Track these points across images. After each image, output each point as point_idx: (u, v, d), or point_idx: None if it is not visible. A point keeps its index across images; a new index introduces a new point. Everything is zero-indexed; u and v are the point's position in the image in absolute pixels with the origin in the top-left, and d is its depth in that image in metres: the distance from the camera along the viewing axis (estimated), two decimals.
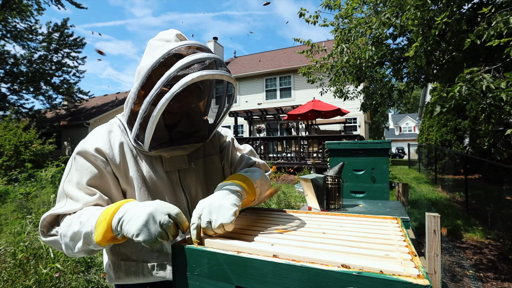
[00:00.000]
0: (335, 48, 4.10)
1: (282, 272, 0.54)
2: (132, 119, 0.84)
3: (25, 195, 5.80)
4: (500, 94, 2.31)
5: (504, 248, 4.08)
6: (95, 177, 0.82)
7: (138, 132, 0.81)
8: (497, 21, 2.37)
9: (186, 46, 0.78)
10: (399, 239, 0.68)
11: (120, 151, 0.87)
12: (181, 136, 0.92)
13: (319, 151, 10.59)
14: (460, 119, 10.34)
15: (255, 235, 0.74)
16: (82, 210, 0.77)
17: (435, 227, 1.92)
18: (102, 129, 0.90)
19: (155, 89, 0.73)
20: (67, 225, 0.76)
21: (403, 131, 45.01)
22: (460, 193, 7.16)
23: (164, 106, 0.72)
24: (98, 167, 0.83)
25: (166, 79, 0.72)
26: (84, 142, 0.86)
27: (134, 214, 0.67)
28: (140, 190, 0.87)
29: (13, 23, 16.66)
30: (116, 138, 0.89)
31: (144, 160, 0.90)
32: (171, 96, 0.71)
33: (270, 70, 16.45)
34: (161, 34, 0.87)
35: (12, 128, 11.79)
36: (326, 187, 1.63)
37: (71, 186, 0.81)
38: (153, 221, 0.65)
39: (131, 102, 0.81)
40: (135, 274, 0.91)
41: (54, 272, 2.63)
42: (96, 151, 0.84)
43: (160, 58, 0.75)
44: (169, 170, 0.92)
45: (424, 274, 0.47)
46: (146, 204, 0.69)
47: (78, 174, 0.82)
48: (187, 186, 0.96)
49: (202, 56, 0.76)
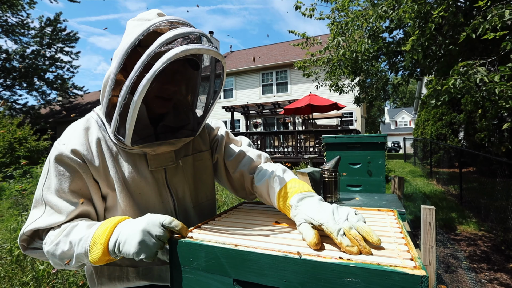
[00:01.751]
0: (331, 42, 4.09)
1: (279, 265, 0.54)
2: (111, 111, 0.73)
3: (21, 192, 5.76)
4: (493, 87, 2.32)
5: (497, 239, 4.15)
6: (75, 182, 0.76)
7: (118, 125, 0.72)
8: (493, 14, 2.37)
9: (168, 21, 0.70)
10: (395, 231, 0.68)
11: (98, 151, 0.78)
12: (168, 130, 0.84)
13: (316, 145, 10.62)
14: (455, 113, 10.42)
15: (251, 229, 0.74)
16: (69, 227, 0.72)
17: (430, 219, 1.94)
18: (78, 127, 0.81)
19: (135, 70, 0.65)
20: (54, 243, 0.71)
21: (399, 125, 45.28)
22: (454, 186, 7.25)
23: (146, 88, 0.63)
24: (77, 170, 0.76)
25: (147, 57, 0.64)
26: (59, 143, 0.78)
27: (128, 234, 0.64)
28: (121, 194, 0.79)
29: (4, 17, 16.36)
30: (93, 135, 0.80)
31: (125, 159, 0.81)
32: (153, 75, 0.63)
33: (267, 64, 16.38)
34: (141, 14, 0.78)
35: (6, 125, 11.64)
36: (323, 180, 1.63)
37: (50, 194, 0.74)
38: (149, 236, 0.63)
39: (109, 91, 0.70)
40: (119, 279, 0.85)
41: (51, 268, 2.62)
42: (73, 153, 0.76)
43: (139, 35, 0.66)
44: (154, 169, 0.83)
45: (421, 265, 0.48)
46: (138, 221, 0.66)
47: (57, 180, 0.75)
48: (173, 186, 0.88)
49: (186, 30, 0.68)
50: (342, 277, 0.49)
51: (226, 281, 0.61)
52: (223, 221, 0.82)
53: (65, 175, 0.75)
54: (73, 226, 0.72)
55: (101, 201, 0.81)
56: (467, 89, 2.49)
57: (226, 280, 0.60)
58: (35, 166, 8.53)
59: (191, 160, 0.93)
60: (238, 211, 0.96)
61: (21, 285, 2.53)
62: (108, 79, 0.71)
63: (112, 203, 0.81)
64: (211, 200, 1.02)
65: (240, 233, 0.70)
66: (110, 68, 0.71)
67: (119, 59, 0.68)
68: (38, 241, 0.77)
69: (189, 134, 0.86)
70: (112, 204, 0.82)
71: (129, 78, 0.66)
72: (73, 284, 2.51)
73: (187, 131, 0.87)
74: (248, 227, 0.75)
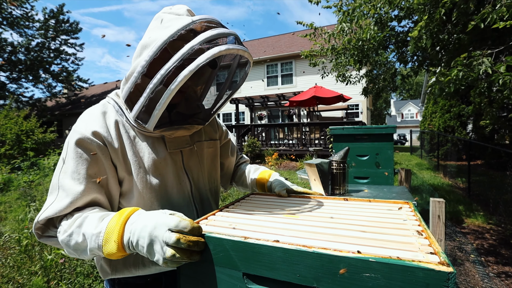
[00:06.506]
0: (336, 29, 3.99)
1: (292, 259, 0.51)
2: (133, 96, 0.76)
3: (28, 183, 5.83)
4: (497, 78, 2.24)
5: (506, 233, 4.09)
6: (92, 166, 0.76)
7: (143, 110, 0.74)
8: (501, 4, 2.28)
9: (206, 21, 0.73)
10: (413, 224, 0.65)
11: (116, 133, 0.80)
12: (181, 117, 0.89)
13: (321, 137, 10.54)
14: (463, 105, 10.22)
15: (260, 220, 0.71)
16: (81, 218, 0.71)
17: (440, 212, 1.90)
18: (95, 111, 0.82)
19: (173, 61, 0.67)
20: (67, 233, 0.71)
21: (405, 118, 44.70)
22: (462, 179, 7.16)
23: (186, 79, 0.66)
24: (95, 153, 0.77)
25: (188, 51, 0.66)
26: (78, 125, 0.78)
27: (140, 234, 0.62)
28: (138, 176, 0.81)
29: (8, 9, 16.33)
30: (111, 119, 0.82)
31: (144, 141, 0.84)
32: (196, 67, 0.65)
33: (272, 56, 16.18)
34: (171, 8, 0.81)
35: (13, 117, 11.74)
36: (331, 172, 1.59)
37: (66, 178, 0.75)
38: (157, 242, 0.59)
39: (136, 76, 0.72)
40: (134, 265, 0.84)
41: (59, 258, 2.65)
42: (94, 134, 0.76)
43: (180, 29, 0.69)
44: (172, 151, 0.88)
45: (446, 260, 0.44)
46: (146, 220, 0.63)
47: (74, 162, 0.75)
48: (189, 169, 0.93)
49: (224, 31, 0.71)
50: (361, 273, 0.45)
51: (235, 275, 0.58)
52: (231, 213, 0.80)
53: (83, 157, 0.75)
54: (85, 217, 0.71)
55: (117, 186, 0.82)
56: (472, 80, 2.41)
57: (235, 274, 0.58)
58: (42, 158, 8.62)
59: (204, 146, 1.00)
60: (246, 202, 0.93)
61: (30, 274, 2.56)
62: (138, 65, 0.72)
63: (128, 188, 0.82)
64: (219, 185, 1.11)
65: (250, 225, 0.68)
66: (143, 55, 0.72)
67: (155, 48, 0.69)
68: (52, 229, 0.76)
69: (201, 122, 0.91)
70: (128, 189, 0.82)
71: (165, 67, 0.67)
72: (81, 274, 2.54)
73: (198, 119, 0.92)
74: (257, 219, 0.72)
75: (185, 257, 0.57)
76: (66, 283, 2.45)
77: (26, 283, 2.45)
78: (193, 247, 0.58)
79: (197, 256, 0.60)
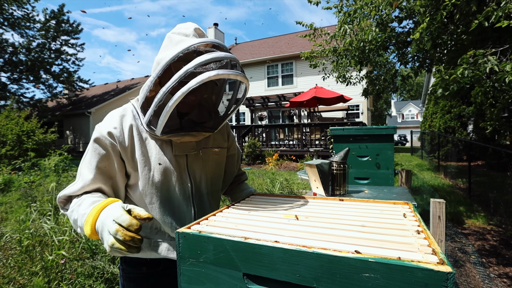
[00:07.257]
0: (338, 30, 3.99)
1: (292, 259, 0.51)
2: (145, 105, 0.89)
3: (29, 184, 5.84)
4: (503, 76, 2.24)
5: (507, 234, 4.09)
6: (103, 160, 0.89)
7: (151, 118, 0.85)
8: (507, 1, 2.27)
9: (204, 44, 0.82)
10: (413, 224, 0.65)
11: (129, 134, 0.92)
12: (191, 124, 0.97)
13: (321, 138, 10.54)
14: (464, 106, 10.21)
15: (261, 221, 0.71)
16: (81, 199, 0.85)
17: (440, 213, 1.90)
18: (116, 114, 0.96)
19: (172, 81, 0.77)
20: (70, 209, 0.85)
21: (405, 118, 44.67)
22: (463, 180, 7.14)
23: (180, 99, 0.76)
24: (108, 150, 0.89)
25: (184, 74, 0.75)
26: (99, 125, 0.93)
27: (102, 223, 0.71)
28: (143, 173, 0.92)
29: (9, 10, 16.36)
30: (127, 122, 0.94)
31: (153, 144, 0.95)
32: (187, 90, 0.74)
33: (272, 56, 16.19)
34: (180, 28, 0.90)
35: (13, 118, 11.75)
36: (332, 172, 1.60)
37: (84, 167, 0.90)
38: (106, 230, 0.68)
39: (147, 90, 0.86)
40: None
41: (60, 259, 2.66)
42: (108, 134, 0.90)
43: (179, 53, 0.78)
44: (178, 154, 0.97)
45: (445, 260, 0.44)
46: (106, 211, 0.73)
47: (90, 155, 0.90)
48: (192, 171, 1.00)
49: (219, 55, 0.79)
50: (360, 273, 0.46)
51: (235, 275, 0.58)
52: (231, 213, 0.80)
53: (97, 151, 0.90)
54: (83, 200, 0.84)
55: (123, 179, 0.94)
56: (477, 79, 2.41)
57: (236, 274, 0.58)
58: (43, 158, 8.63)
59: (210, 153, 1.07)
60: (246, 203, 0.93)
61: (30, 275, 2.57)
62: (148, 80, 0.85)
63: (134, 182, 0.95)
64: (220, 190, 1.16)
65: (250, 225, 0.68)
66: (155, 71, 0.84)
67: (160, 69, 0.80)
68: (68, 205, 0.90)
69: (208, 130, 0.99)
70: (134, 183, 0.95)
71: (166, 85, 0.78)
72: (81, 274, 2.54)
73: (207, 128, 1.00)
74: (257, 219, 0.73)
75: (123, 249, 0.64)
76: (66, 284, 2.45)
77: (27, 283, 2.46)
78: (130, 241, 0.64)
79: (135, 250, 0.66)
